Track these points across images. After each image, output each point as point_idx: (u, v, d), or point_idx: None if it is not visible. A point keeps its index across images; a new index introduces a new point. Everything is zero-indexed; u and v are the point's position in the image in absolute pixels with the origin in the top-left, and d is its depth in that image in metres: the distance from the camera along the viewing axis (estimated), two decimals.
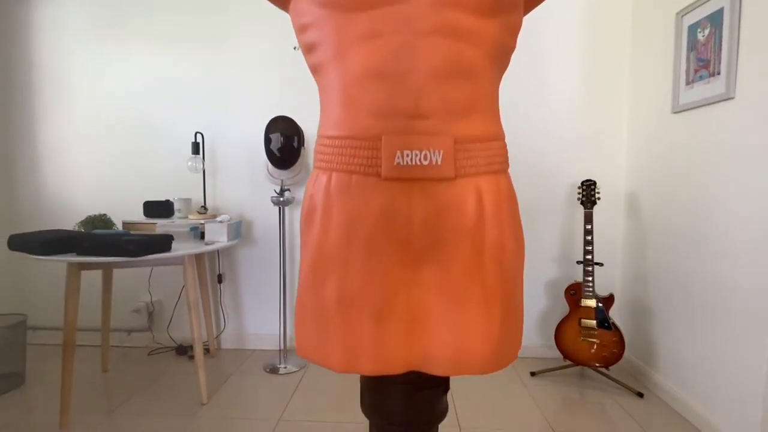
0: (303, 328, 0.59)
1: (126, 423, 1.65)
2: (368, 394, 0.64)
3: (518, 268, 0.59)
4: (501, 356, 0.55)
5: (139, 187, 2.38)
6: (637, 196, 2.10)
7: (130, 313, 2.41)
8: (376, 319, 0.54)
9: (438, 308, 0.54)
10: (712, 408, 1.56)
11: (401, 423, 0.61)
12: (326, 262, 0.55)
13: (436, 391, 0.61)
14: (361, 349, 0.54)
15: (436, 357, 0.54)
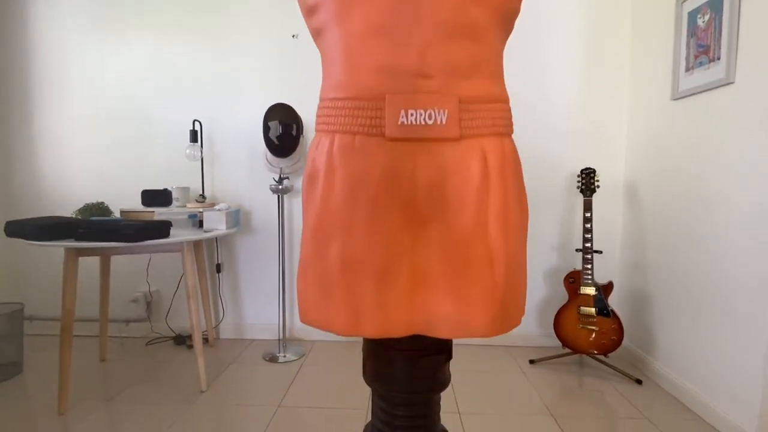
0: (306, 294, 0.59)
1: (124, 410, 1.64)
2: (371, 362, 0.63)
3: (522, 233, 0.59)
4: (504, 320, 0.55)
5: (137, 176, 2.36)
6: (637, 184, 2.10)
7: (128, 303, 2.40)
8: (380, 282, 0.53)
9: (441, 270, 0.54)
10: (711, 393, 1.57)
11: (404, 390, 0.61)
12: (329, 226, 0.54)
13: (438, 358, 0.61)
14: (364, 311, 0.53)
15: (439, 319, 0.54)
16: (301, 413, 1.62)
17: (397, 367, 0.60)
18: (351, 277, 0.54)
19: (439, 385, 0.62)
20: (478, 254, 0.54)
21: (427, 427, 0.64)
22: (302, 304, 0.60)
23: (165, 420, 1.57)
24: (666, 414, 1.63)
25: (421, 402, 0.63)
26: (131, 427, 1.52)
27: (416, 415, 0.63)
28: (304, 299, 0.59)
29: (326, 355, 2.19)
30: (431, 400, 0.64)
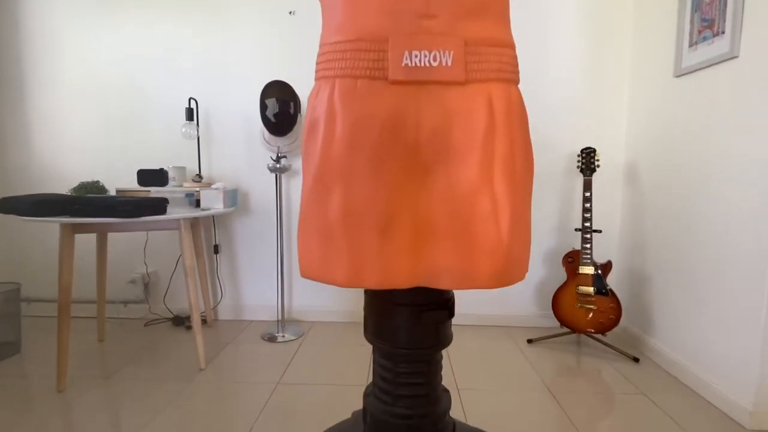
0: (306, 247, 0.57)
1: (123, 387, 1.64)
2: (373, 317, 0.62)
3: (528, 186, 0.57)
4: (508, 272, 0.54)
5: (133, 156, 2.33)
6: (637, 163, 2.09)
7: (126, 285, 2.39)
8: (383, 231, 0.52)
9: (445, 221, 0.53)
10: (709, 370, 1.58)
11: (406, 346, 0.60)
12: (330, 174, 0.53)
13: (441, 314, 0.60)
14: (366, 262, 0.52)
15: (442, 270, 0.53)
16: (301, 390, 1.63)
17: (399, 323, 0.60)
18: (352, 227, 0.52)
19: (441, 342, 0.62)
20: (484, 205, 0.52)
21: (429, 385, 0.63)
22: (302, 258, 0.58)
23: (164, 396, 1.57)
24: (663, 390, 1.64)
25: (423, 358, 0.62)
26: (130, 404, 1.52)
27: (418, 371, 0.62)
28: (304, 252, 0.58)
29: (325, 335, 2.19)
30: (433, 358, 0.64)
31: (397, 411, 0.62)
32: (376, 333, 0.62)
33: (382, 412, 0.63)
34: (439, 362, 0.65)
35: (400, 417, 0.62)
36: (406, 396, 0.62)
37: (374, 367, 0.66)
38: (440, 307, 0.60)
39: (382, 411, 0.63)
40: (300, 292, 2.38)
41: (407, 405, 0.62)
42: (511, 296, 2.32)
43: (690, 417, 1.46)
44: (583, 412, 1.48)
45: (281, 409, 1.48)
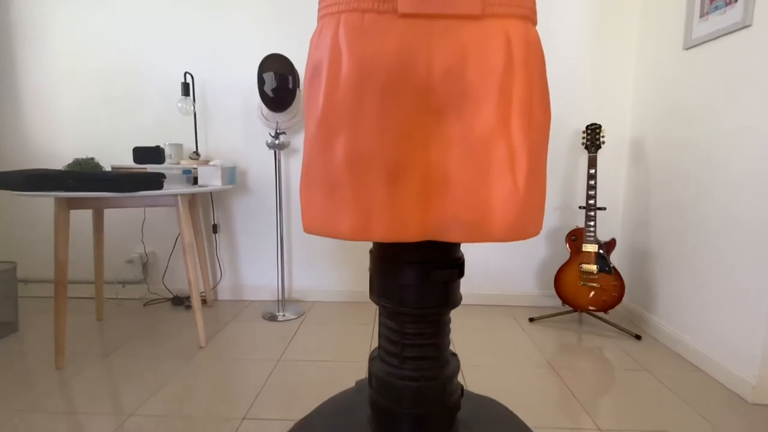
0: (309, 199, 0.54)
1: (122, 364, 1.63)
2: (379, 277, 0.60)
3: (545, 135, 0.54)
4: (523, 225, 0.51)
5: (128, 134, 2.28)
6: (643, 139, 2.05)
7: (124, 265, 2.37)
8: (391, 179, 0.49)
9: (458, 167, 0.49)
10: (713, 347, 1.57)
11: (413, 305, 0.57)
12: (334, 118, 0.49)
13: (450, 272, 0.57)
14: (373, 212, 0.49)
15: (454, 222, 0.50)
16: (302, 366, 1.61)
17: (407, 282, 0.57)
18: (359, 175, 0.49)
19: (450, 301, 0.59)
20: (500, 153, 0.49)
21: (437, 347, 0.61)
22: (306, 212, 0.55)
23: (163, 374, 1.55)
24: (665, 366, 1.64)
25: (431, 319, 0.60)
26: (129, 381, 1.50)
27: (426, 332, 0.60)
28: (307, 206, 0.55)
29: (326, 314, 2.18)
30: (441, 319, 0.61)
31: (404, 373, 0.60)
32: (382, 293, 0.60)
33: (388, 374, 0.60)
34: (447, 324, 0.63)
35: (407, 379, 0.59)
36: (414, 358, 0.60)
37: (380, 330, 0.64)
38: (450, 266, 0.57)
39: (388, 374, 0.61)
40: (300, 272, 2.36)
41: (414, 367, 0.60)
42: (512, 276, 2.30)
43: (693, 391, 1.45)
44: (586, 387, 1.47)
45: (283, 385, 1.47)
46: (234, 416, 1.30)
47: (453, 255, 0.59)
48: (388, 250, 0.58)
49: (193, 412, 1.32)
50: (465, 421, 0.66)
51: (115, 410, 1.32)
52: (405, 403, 0.59)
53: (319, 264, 2.34)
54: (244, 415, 1.30)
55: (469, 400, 0.73)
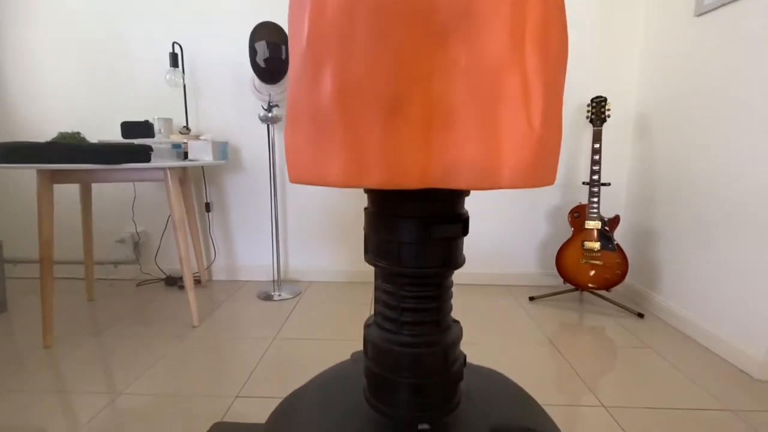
0: (294, 142, 0.48)
1: (113, 343, 1.58)
2: (375, 233, 0.54)
3: (562, 70, 0.48)
4: (538, 169, 0.45)
5: (116, 109, 2.20)
6: (649, 113, 1.98)
7: (115, 245, 2.31)
8: (388, 115, 0.43)
9: (465, 100, 0.43)
10: (718, 324, 1.53)
11: (413, 265, 0.52)
12: (322, 46, 0.43)
13: (454, 228, 0.51)
14: (368, 153, 0.43)
15: (460, 166, 0.44)
16: (298, 344, 1.57)
17: (405, 239, 0.51)
18: (351, 110, 0.43)
19: (453, 261, 0.53)
20: (512, 84, 0.43)
21: (439, 311, 0.56)
22: (291, 159, 0.49)
23: (155, 353, 1.51)
24: (669, 344, 1.60)
25: (432, 281, 0.54)
26: (119, 361, 1.46)
27: (426, 296, 0.54)
28: (293, 151, 0.49)
29: (323, 293, 2.13)
30: (443, 282, 0.56)
31: (402, 339, 0.55)
32: (378, 252, 0.54)
33: (385, 341, 0.55)
34: (449, 287, 0.57)
35: (406, 345, 0.54)
36: (413, 323, 0.55)
37: (376, 295, 0.58)
38: (453, 220, 0.51)
39: (385, 340, 0.55)
40: (297, 252, 2.30)
41: (414, 332, 0.55)
42: (513, 254, 2.26)
43: (699, 369, 1.42)
44: (588, 365, 1.44)
45: (278, 363, 1.43)
46: (227, 394, 1.26)
47: (456, 209, 0.53)
48: (384, 203, 0.52)
49: (184, 390, 1.28)
50: (467, 392, 0.61)
51: (106, 389, 1.28)
52: (403, 371, 0.54)
53: (316, 243, 2.29)
54: (237, 393, 1.26)
55: (471, 371, 0.68)
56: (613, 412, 1.18)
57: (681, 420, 1.15)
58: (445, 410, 0.56)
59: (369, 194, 0.55)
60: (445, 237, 0.51)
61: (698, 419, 1.15)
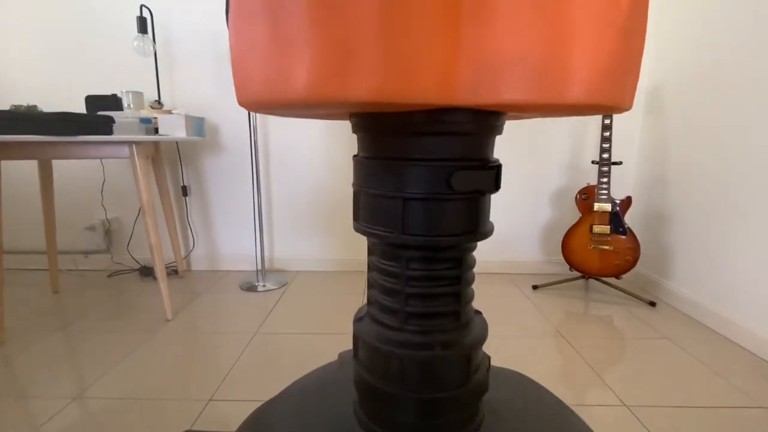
0: (242, 41, 0.32)
1: (75, 339, 1.41)
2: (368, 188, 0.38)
3: None
4: (621, 77, 0.30)
5: (82, 83, 1.99)
6: (662, 87, 1.84)
7: (83, 232, 2.12)
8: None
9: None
10: (738, 311, 1.41)
11: (423, 232, 0.36)
12: None
13: (483, 176, 0.36)
14: (356, 46, 0.27)
15: (505, 64, 0.28)
16: (282, 339, 1.42)
17: (413, 192, 0.35)
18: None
19: (479, 227, 0.38)
20: None
21: (458, 299, 0.40)
22: (239, 68, 0.33)
23: (120, 350, 1.34)
24: (687, 334, 1.48)
25: (449, 255, 0.39)
26: (79, 359, 1.29)
27: (441, 277, 0.39)
28: (240, 55, 0.32)
29: (310, 283, 1.98)
30: (465, 256, 0.40)
31: (407, 338, 0.39)
32: (373, 216, 0.38)
33: (383, 340, 0.40)
34: (472, 266, 0.42)
35: (413, 346, 0.39)
36: (422, 315, 0.39)
37: (370, 277, 0.43)
38: (482, 165, 0.35)
39: (382, 339, 0.40)
40: (282, 239, 2.14)
41: (423, 328, 0.39)
42: (515, 241, 2.12)
43: (722, 361, 1.30)
44: (603, 359, 1.31)
45: (259, 361, 1.28)
46: (199, 397, 1.10)
47: (486, 149, 0.37)
48: (381, 140, 0.36)
49: (151, 392, 1.11)
50: (492, 406, 0.47)
51: (59, 392, 1.11)
52: (408, 382, 0.39)
53: (303, 230, 2.12)
54: (211, 396, 1.10)
55: (493, 376, 0.54)
56: (637, 413, 1.05)
57: (713, 420, 1.02)
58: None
59: (359, 128, 0.39)
60: (472, 190, 0.35)
61: (732, 418, 1.02)
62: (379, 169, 0.36)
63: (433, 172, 0.34)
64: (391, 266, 0.39)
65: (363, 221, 0.39)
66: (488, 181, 0.36)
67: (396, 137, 0.34)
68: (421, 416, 0.39)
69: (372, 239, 0.40)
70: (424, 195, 0.35)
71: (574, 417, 0.52)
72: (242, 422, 0.56)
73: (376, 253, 0.41)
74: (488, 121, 0.35)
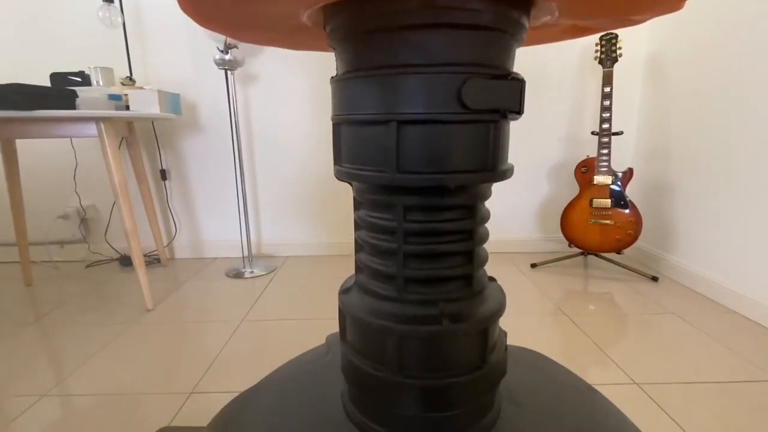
0: None
1: (46, 333, 1.31)
2: (351, 113, 0.29)
3: None
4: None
5: (46, 61, 1.85)
6: (663, 54, 1.75)
7: (57, 221, 2.00)
8: None
9: None
10: (747, 284, 1.35)
11: (424, 168, 0.27)
12: None
13: (504, 91, 0.27)
14: None
15: None
16: (269, 327, 1.33)
17: (409, 107, 0.26)
18: None
19: (495, 160, 0.29)
20: None
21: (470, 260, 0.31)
22: None
23: (96, 342, 1.25)
24: (693, 308, 1.43)
25: (458, 200, 0.30)
26: (51, 353, 1.20)
27: (446, 230, 0.30)
28: None
29: (300, 269, 1.89)
30: (477, 204, 0.31)
31: (405, 310, 0.31)
32: (359, 153, 0.29)
33: (375, 313, 0.31)
34: (486, 217, 0.33)
35: (413, 320, 0.30)
36: (424, 280, 0.31)
37: (358, 238, 0.34)
38: (503, 75, 0.27)
39: (375, 312, 0.31)
40: (270, 224, 2.04)
41: (427, 296, 0.31)
42: (511, 219, 2.04)
43: (731, 333, 1.24)
44: (608, 336, 1.25)
45: (244, 350, 1.19)
46: (180, 390, 1.02)
47: (506, 56, 0.28)
48: (367, 41, 0.27)
49: (127, 386, 1.03)
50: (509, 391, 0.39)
51: (29, 388, 1.02)
52: (408, 365, 0.30)
53: (291, 214, 2.03)
54: (192, 389, 1.02)
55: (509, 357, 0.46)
56: (648, 390, 0.99)
57: (729, 396, 0.96)
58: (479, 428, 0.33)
59: (336, 35, 0.29)
60: (489, 109, 0.26)
61: (748, 393, 0.97)
62: (365, 86, 0.27)
63: (438, 82, 0.25)
64: (384, 219, 0.30)
65: (346, 162, 0.30)
66: (511, 98, 0.27)
67: (384, 35, 0.25)
68: (424, 408, 0.30)
69: (358, 185, 0.31)
70: (426, 116, 0.26)
71: (601, 400, 0.44)
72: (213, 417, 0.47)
73: (365, 204, 0.32)
74: (510, 15, 0.26)
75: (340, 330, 0.37)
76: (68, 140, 1.91)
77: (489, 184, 0.31)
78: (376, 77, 0.26)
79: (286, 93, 1.87)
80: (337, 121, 0.31)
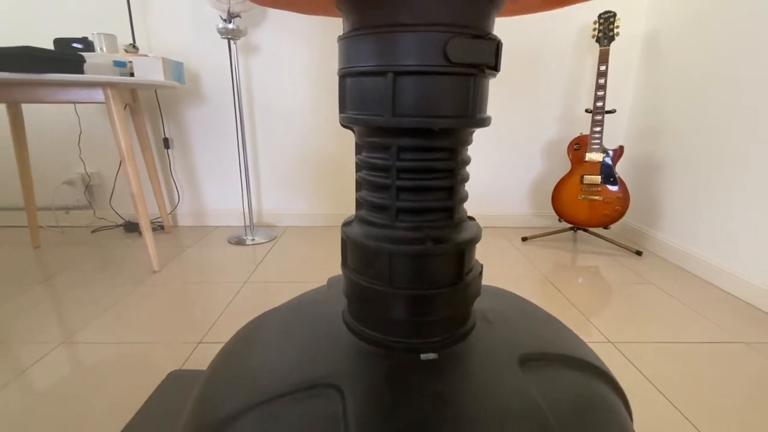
0: None
1: (59, 291, 1.38)
2: (354, 63, 0.34)
3: None
4: None
5: (50, 27, 1.86)
6: (659, 32, 1.78)
7: (62, 187, 2.05)
8: None
9: None
10: (728, 259, 1.43)
11: (415, 112, 0.33)
12: None
13: (482, 48, 0.32)
14: None
15: None
16: (272, 288, 1.41)
17: (404, 58, 0.32)
18: None
19: (474, 108, 0.35)
20: None
21: (451, 194, 0.38)
22: None
23: (108, 299, 1.32)
24: (672, 280, 1.51)
25: (443, 143, 0.36)
26: (65, 308, 1.27)
27: (433, 169, 0.36)
28: None
29: (301, 238, 1.96)
30: (458, 147, 0.37)
31: (397, 234, 0.37)
32: (361, 101, 0.35)
33: (372, 237, 0.38)
34: (466, 161, 0.39)
35: (404, 242, 0.37)
36: (413, 210, 0.37)
37: (358, 178, 0.40)
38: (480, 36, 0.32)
39: (372, 236, 0.38)
40: (272, 194, 2.10)
41: (415, 223, 0.37)
42: (503, 195, 2.11)
43: (705, 302, 1.33)
44: (590, 302, 1.33)
45: (249, 307, 1.27)
46: (190, 340, 1.09)
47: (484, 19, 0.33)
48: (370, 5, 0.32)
49: (139, 337, 1.10)
50: (483, 313, 0.45)
51: (46, 337, 1.09)
52: (398, 277, 0.37)
53: (292, 184, 2.08)
54: (201, 339, 1.10)
55: (483, 291, 0.53)
56: (622, 348, 1.07)
57: (693, 353, 1.05)
58: (456, 335, 0.40)
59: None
60: (470, 63, 0.32)
61: (710, 352, 1.06)
62: (367, 43, 0.33)
63: (427, 39, 0.31)
64: (381, 159, 0.37)
65: (350, 109, 0.36)
66: (488, 54, 0.33)
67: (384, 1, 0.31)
68: (411, 314, 0.37)
69: (360, 129, 0.37)
70: (417, 68, 0.32)
71: (561, 326, 0.51)
72: (232, 336, 0.54)
73: (365, 147, 0.38)
74: None
75: (342, 258, 0.43)
76: (71, 107, 1.94)
77: (469, 130, 0.37)
78: (376, 35, 0.32)
79: (287, 63, 1.90)
80: (343, 74, 0.36)
